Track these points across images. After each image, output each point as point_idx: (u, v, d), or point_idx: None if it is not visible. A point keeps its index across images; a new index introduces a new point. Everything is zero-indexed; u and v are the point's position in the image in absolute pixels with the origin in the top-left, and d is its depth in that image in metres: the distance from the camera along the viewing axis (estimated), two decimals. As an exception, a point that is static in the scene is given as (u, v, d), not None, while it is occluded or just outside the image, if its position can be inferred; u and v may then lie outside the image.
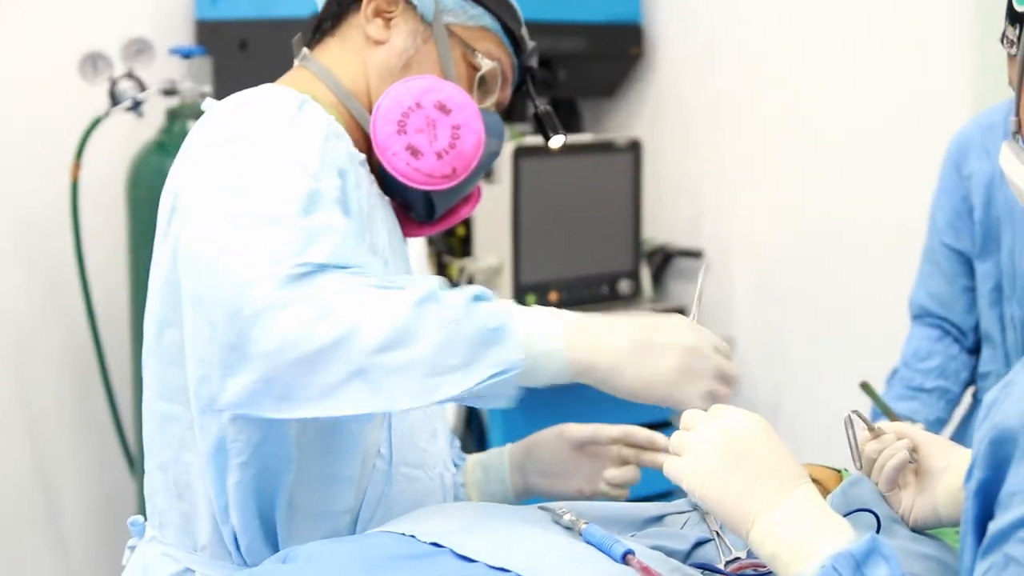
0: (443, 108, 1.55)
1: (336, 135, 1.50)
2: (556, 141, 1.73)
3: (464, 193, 1.65)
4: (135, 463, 3.36)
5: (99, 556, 3.55)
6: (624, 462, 1.72)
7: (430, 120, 1.54)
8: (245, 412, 1.31)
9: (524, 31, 1.67)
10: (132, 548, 1.62)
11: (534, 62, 1.69)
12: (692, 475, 1.18)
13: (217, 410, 1.34)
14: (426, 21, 1.59)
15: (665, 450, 1.70)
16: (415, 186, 1.56)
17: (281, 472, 1.45)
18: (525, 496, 1.79)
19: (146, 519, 1.60)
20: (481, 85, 1.62)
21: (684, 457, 1.20)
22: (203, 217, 1.37)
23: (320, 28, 1.65)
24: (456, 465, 1.73)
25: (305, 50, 1.64)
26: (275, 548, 1.47)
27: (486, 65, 1.61)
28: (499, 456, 1.74)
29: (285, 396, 1.28)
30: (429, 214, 1.64)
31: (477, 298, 1.32)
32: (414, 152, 1.54)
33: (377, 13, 1.59)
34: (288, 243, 1.30)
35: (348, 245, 1.34)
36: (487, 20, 1.62)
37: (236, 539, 1.47)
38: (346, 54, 1.60)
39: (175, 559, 1.51)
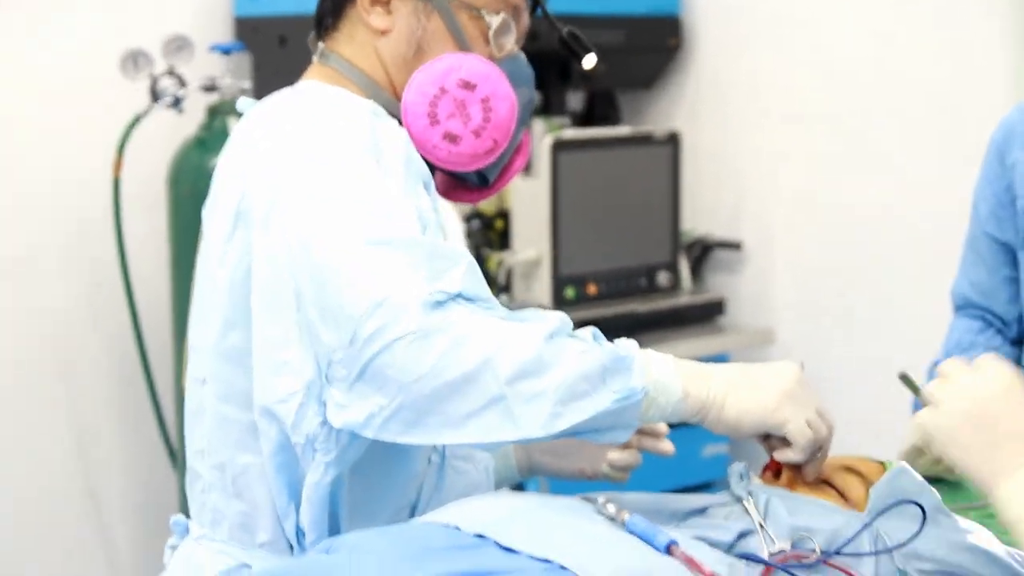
0: (467, 85, 1.54)
1: (408, 140, 1.50)
2: (589, 61, 1.72)
3: (512, 150, 1.63)
4: (177, 457, 3.38)
5: (144, 551, 3.57)
6: (627, 445, 1.74)
7: (459, 101, 1.53)
8: (375, 436, 1.33)
9: None
10: (173, 548, 1.63)
11: None
12: (939, 432, 1.30)
13: (345, 427, 1.35)
14: None
15: (665, 436, 1.75)
16: (464, 170, 1.56)
17: (354, 470, 1.46)
18: (529, 474, 1.82)
19: (188, 517, 1.61)
20: (498, 36, 1.59)
21: (936, 411, 1.30)
22: (317, 225, 1.37)
23: (322, 24, 1.63)
24: None
25: (321, 45, 1.62)
26: None
27: (495, 21, 1.58)
28: None
29: (416, 423, 1.31)
30: (485, 181, 1.64)
31: (596, 336, 1.36)
32: (452, 139, 1.54)
33: (375, 2, 1.57)
34: (422, 266, 1.32)
35: (474, 275, 1.36)
36: None
37: (299, 535, 1.47)
38: (358, 47, 1.59)
39: (230, 555, 1.52)
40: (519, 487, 3.17)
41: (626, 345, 1.37)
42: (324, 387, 1.35)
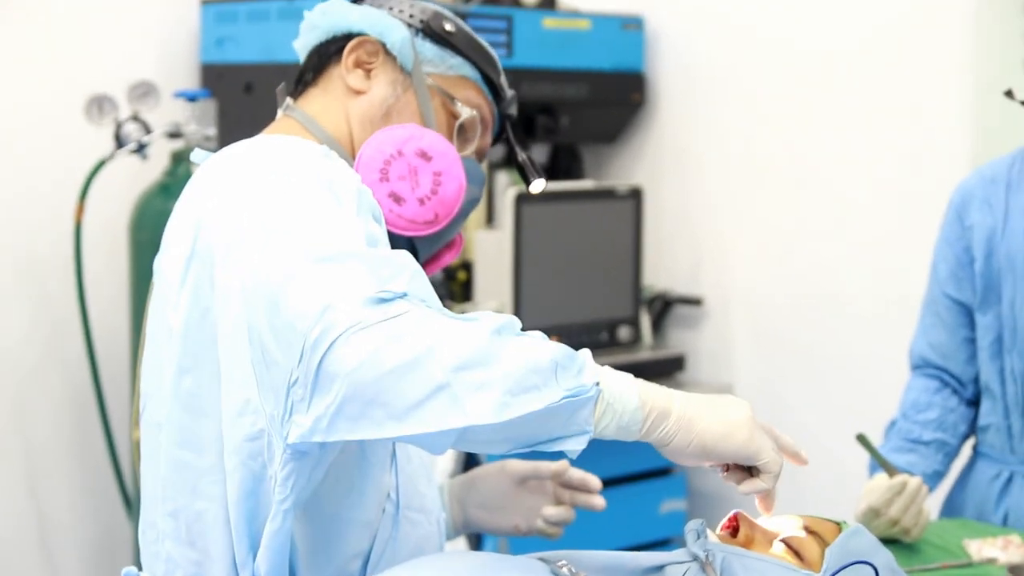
0: (424, 155, 1.58)
1: (360, 180, 1.51)
2: (536, 186, 1.76)
3: (446, 239, 1.67)
4: (132, 505, 3.35)
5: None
6: (560, 501, 1.75)
7: (412, 167, 1.58)
8: (324, 439, 1.28)
9: (503, 79, 1.71)
10: None
11: (513, 110, 1.73)
12: None
13: (298, 440, 1.31)
14: (406, 71, 1.63)
15: (598, 491, 1.75)
16: (399, 232, 1.59)
17: (305, 515, 1.45)
18: (464, 529, 1.83)
19: (140, 568, 1.60)
20: (461, 133, 1.67)
21: None
22: (270, 255, 1.36)
23: (302, 79, 1.68)
24: None
25: (288, 100, 1.67)
26: None
27: (465, 113, 1.65)
28: (440, 490, 1.76)
29: (361, 416, 1.25)
30: (413, 255, 1.65)
31: (545, 338, 1.32)
32: (397, 199, 1.58)
33: (357, 64, 1.63)
34: (367, 273, 1.30)
35: (421, 280, 1.34)
36: (466, 70, 1.67)
37: None
38: (328, 103, 1.64)
39: None
40: (477, 545, 3.17)
41: (577, 351, 1.32)
42: (283, 422, 1.34)
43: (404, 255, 1.37)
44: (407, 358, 1.24)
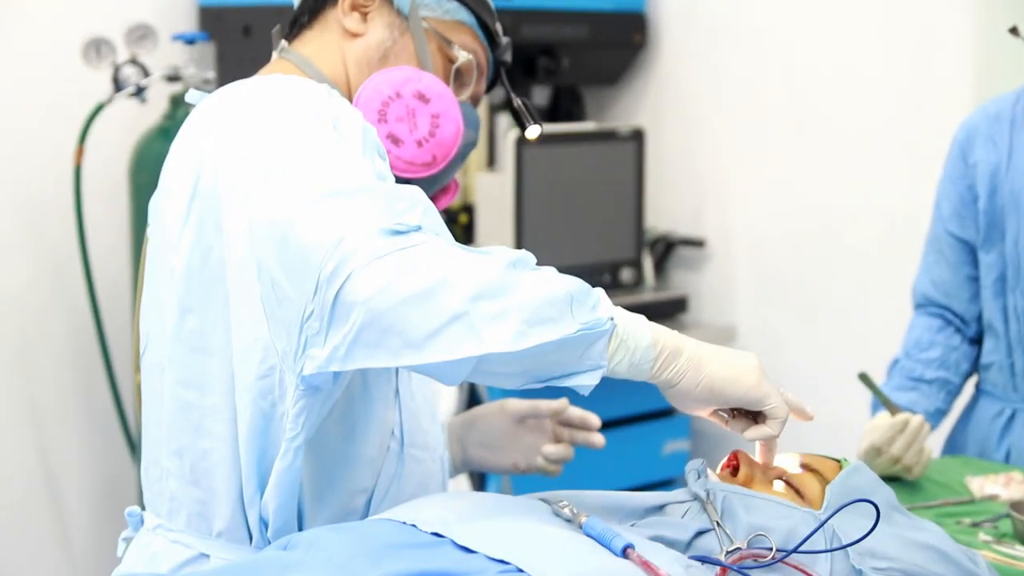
0: (422, 97, 1.58)
1: (363, 117, 1.51)
2: (532, 132, 1.76)
3: (443, 183, 1.67)
4: (136, 447, 3.36)
5: (101, 540, 3.56)
6: (559, 439, 1.76)
7: (410, 109, 1.58)
8: (341, 367, 1.29)
9: (499, 26, 1.70)
10: (127, 540, 1.62)
11: (508, 56, 1.72)
12: None
13: (314, 371, 1.31)
14: (402, 15, 1.62)
15: (597, 429, 1.76)
16: (396, 174, 1.58)
17: (308, 451, 1.45)
18: (464, 467, 1.84)
19: (143, 508, 1.60)
20: (457, 78, 1.66)
21: None
22: (278, 192, 1.35)
23: (297, 21, 1.67)
24: None
25: (284, 42, 1.67)
26: (301, 529, 1.48)
27: (462, 57, 1.65)
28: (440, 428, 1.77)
29: (378, 345, 1.26)
30: None
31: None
32: (395, 140, 1.58)
33: (354, 7, 1.63)
34: (379, 206, 1.30)
35: (433, 215, 1.35)
36: (462, 14, 1.66)
37: (264, 523, 1.47)
38: (325, 46, 1.63)
39: (187, 546, 1.52)
40: (480, 486, 3.19)
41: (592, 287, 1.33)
42: (297, 357, 1.34)
43: (415, 190, 1.37)
44: (424, 287, 1.24)
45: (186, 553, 1.51)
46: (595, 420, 1.79)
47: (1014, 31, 2.12)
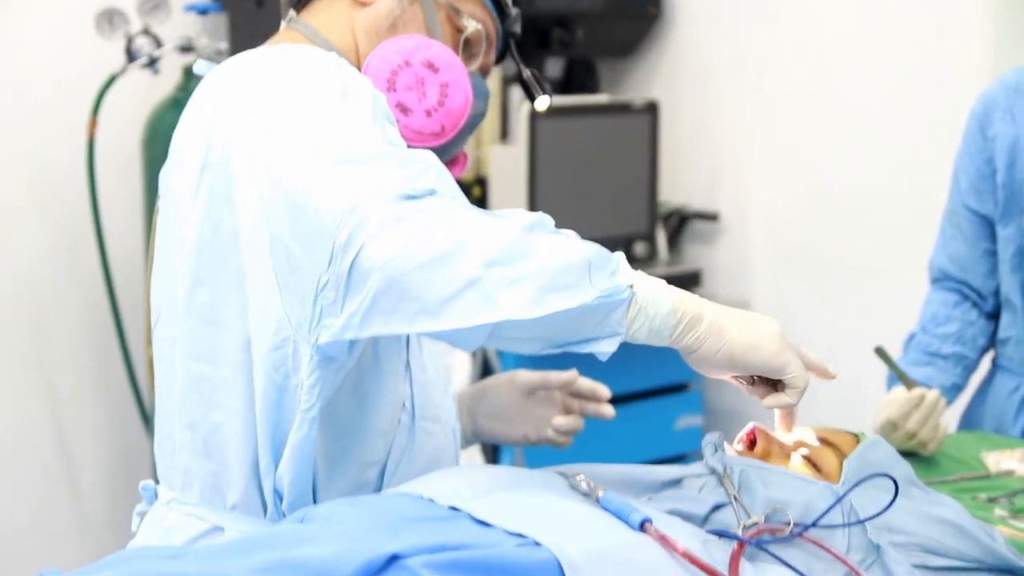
0: (431, 66, 1.56)
1: (372, 85, 1.50)
2: (541, 103, 1.75)
3: (452, 154, 1.65)
4: (150, 421, 3.37)
5: (116, 514, 3.57)
6: (569, 411, 1.75)
7: (419, 78, 1.56)
8: (357, 335, 1.28)
9: None
10: (141, 514, 1.62)
11: (517, 28, 1.70)
12: None
13: (331, 339, 1.31)
14: None
15: (607, 400, 1.75)
16: (405, 143, 1.56)
17: (321, 423, 1.45)
18: (474, 439, 1.83)
19: (157, 482, 1.60)
20: (466, 48, 1.64)
21: None
22: (289, 161, 1.34)
23: None
24: None
25: (292, 12, 1.65)
26: (315, 501, 1.48)
27: (471, 27, 1.63)
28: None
29: (394, 311, 1.25)
30: None
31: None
32: (404, 110, 1.56)
33: None
34: (392, 172, 1.30)
35: (446, 178, 1.34)
36: None
37: (278, 495, 1.47)
38: (333, 15, 1.62)
39: (201, 518, 1.51)
40: (494, 459, 3.18)
41: (611, 252, 1.32)
42: (312, 327, 1.33)
43: (427, 154, 1.36)
44: (439, 251, 1.23)
45: (200, 526, 1.51)
46: (605, 391, 1.78)
47: None
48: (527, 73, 1.74)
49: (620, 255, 1.31)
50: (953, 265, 2.32)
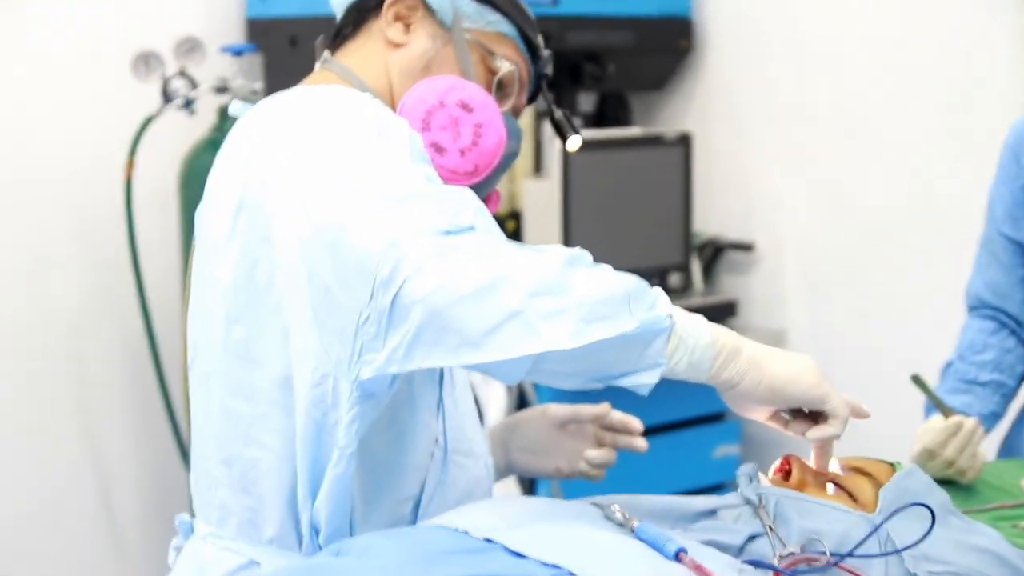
0: (466, 107, 1.57)
1: (408, 125, 1.51)
2: (573, 143, 1.77)
3: (484, 193, 1.65)
4: (187, 456, 3.38)
5: (152, 548, 3.58)
6: (602, 443, 1.75)
7: (453, 118, 1.57)
8: (400, 369, 1.30)
9: (540, 39, 1.69)
10: (178, 549, 1.63)
11: (549, 69, 1.72)
12: None
13: (373, 374, 1.32)
14: (445, 26, 1.62)
15: (639, 434, 1.75)
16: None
17: (358, 458, 1.46)
18: (507, 472, 1.83)
19: (193, 516, 1.62)
20: (499, 89, 1.66)
21: None
22: (328, 199, 1.36)
23: (340, 32, 1.68)
24: None
25: (326, 53, 1.67)
26: (351, 535, 1.48)
27: (505, 68, 1.64)
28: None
29: (436, 344, 1.26)
30: None
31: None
32: (438, 149, 1.57)
33: (397, 18, 1.63)
34: (431, 208, 1.31)
35: (485, 215, 1.35)
36: (504, 27, 1.65)
37: (315, 530, 1.48)
38: (368, 56, 1.63)
39: (238, 552, 1.52)
40: (530, 491, 3.18)
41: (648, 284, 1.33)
42: (352, 363, 1.34)
43: (465, 190, 1.37)
44: (481, 284, 1.25)
45: (237, 560, 1.52)
46: (637, 424, 1.78)
47: None
48: (558, 114, 1.76)
49: (659, 289, 1.32)
50: (990, 292, 2.32)
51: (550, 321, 1.24)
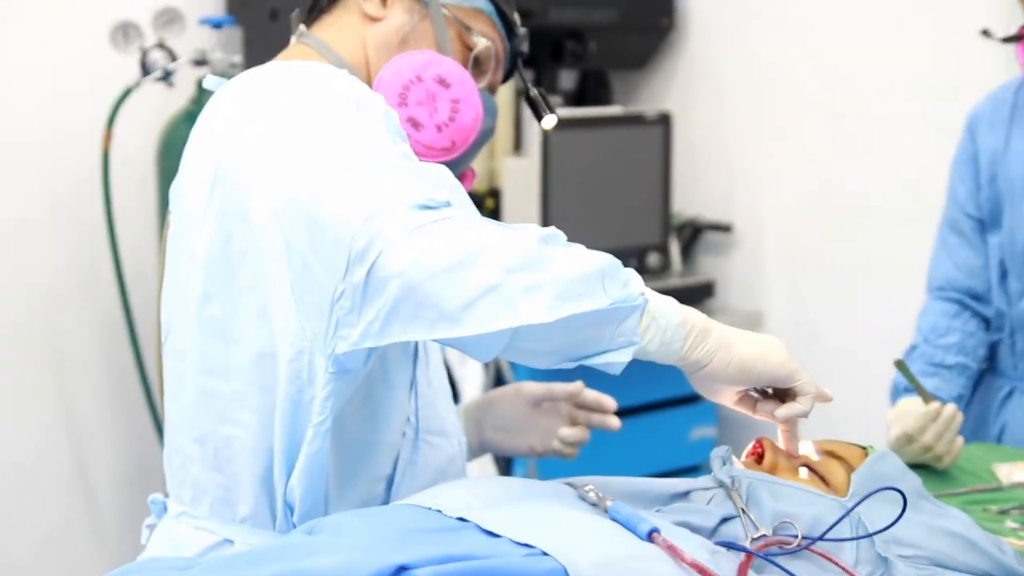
0: (443, 82, 1.58)
1: (384, 100, 1.50)
2: (548, 122, 1.76)
3: (461, 169, 1.66)
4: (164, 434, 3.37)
5: (131, 527, 3.58)
6: (575, 422, 1.76)
7: (430, 93, 1.57)
8: (376, 343, 1.30)
9: (516, 16, 1.69)
10: (150, 527, 1.63)
11: (525, 47, 1.72)
12: None
13: (349, 349, 1.33)
14: (422, 1, 1.61)
15: (613, 412, 1.75)
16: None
17: (335, 441, 1.46)
18: (480, 451, 1.84)
19: (167, 495, 1.61)
20: (475, 65, 1.65)
21: None
22: (304, 173, 1.36)
23: (316, 5, 1.67)
24: None
25: (302, 27, 1.66)
26: (325, 513, 1.49)
27: (481, 44, 1.64)
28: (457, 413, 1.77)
29: (414, 318, 1.26)
30: None
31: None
32: (415, 124, 1.58)
33: None
34: (407, 183, 1.31)
35: (461, 192, 1.35)
36: (481, 2, 1.65)
37: (289, 507, 1.48)
38: (344, 30, 1.63)
39: (211, 532, 1.52)
40: (506, 470, 3.19)
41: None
42: (328, 338, 1.34)
43: (441, 168, 1.37)
44: (458, 259, 1.25)
45: (210, 539, 1.52)
46: (610, 402, 1.79)
47: (985, 33, 2.16)
48: (534, 92, 1.76)
49: (631, 269, 1.32)
50: (961, 272, 2.33)
51: (527, 296, 1.24)
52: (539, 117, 1.77)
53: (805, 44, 3.63)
